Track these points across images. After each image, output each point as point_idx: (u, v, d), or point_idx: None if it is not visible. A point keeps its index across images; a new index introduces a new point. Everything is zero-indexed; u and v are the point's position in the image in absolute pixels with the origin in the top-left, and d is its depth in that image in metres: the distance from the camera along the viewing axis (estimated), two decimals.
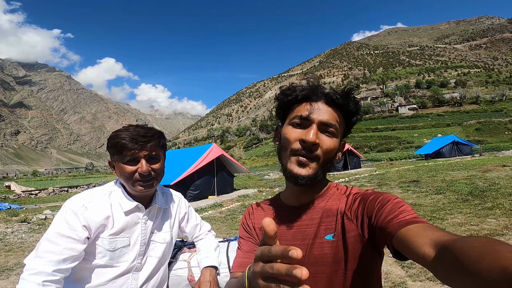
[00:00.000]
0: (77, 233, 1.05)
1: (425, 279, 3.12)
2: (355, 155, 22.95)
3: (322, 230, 0.76)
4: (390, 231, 0.60)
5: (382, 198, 0.69)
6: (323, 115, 0.75)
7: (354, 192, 0.79)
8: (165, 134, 1.15)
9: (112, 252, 1.12)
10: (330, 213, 0.77)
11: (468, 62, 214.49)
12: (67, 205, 1.10)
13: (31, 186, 27.70)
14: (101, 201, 1.14)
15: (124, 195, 1.19)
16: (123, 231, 1.15)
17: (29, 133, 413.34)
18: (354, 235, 0.71)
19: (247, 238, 0.89)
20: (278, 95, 0.83)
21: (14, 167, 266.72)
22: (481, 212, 5.71)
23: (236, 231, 6.02)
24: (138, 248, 1.18)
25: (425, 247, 0.50)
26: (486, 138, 55.45)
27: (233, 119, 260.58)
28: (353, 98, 0.78)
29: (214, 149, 11.52)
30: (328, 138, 0.75)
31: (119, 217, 1.15)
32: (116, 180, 1.25)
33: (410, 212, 0.62)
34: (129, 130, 1.13)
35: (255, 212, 0.93)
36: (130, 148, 1.10)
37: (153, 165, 1.16)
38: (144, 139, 1.12)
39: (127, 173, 1.12)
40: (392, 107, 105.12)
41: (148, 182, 1.15)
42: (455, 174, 12.25)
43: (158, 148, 1.19)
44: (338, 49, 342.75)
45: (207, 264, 1.31)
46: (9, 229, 7.60)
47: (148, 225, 1.23)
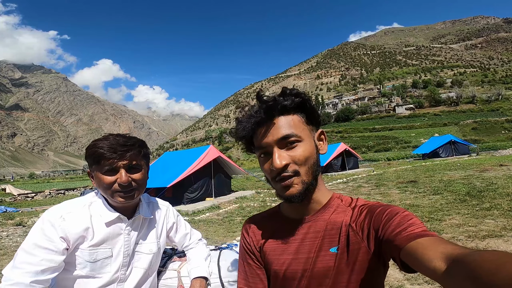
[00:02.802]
0: (54, 244, 1.02)
1: (423, 282, 3.10)
2: (352, 155, 22.95)
3: (326, 243, 0.75)
4: (398, 244, 0.59)
5: (390, 210, 0.68)
6: (275, 134, 0.74)
7: (360, 204, 0.77)
8: (162, 136, 1.15)
9: (92, 263, 1.10)
10: (334, 225, 0.76)
11: (464, 62, 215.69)
12: (44, 216, 1.07)
13: (28, 188, 27.50)
14: (80, 212, 1.11)
15: (105, 206, 1.15)
16: (104, 242, 1.12)
17: (26, 135, 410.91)
18: (359, 247, 0.71)
19: (249, 261, 0.88)
20: (236, 138, 0.82)
21: (11, 170, 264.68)
22: (479, 213, 5.69)
23: (234, 233, 5.97)
24: (121, 259, 1.15)
25: (435, 261, 0.49)
26: (483, 137, 55.78)
27: (231, 120, 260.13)
28: (286, 93, 0.76)
29: (212, 151, 11.47)
30: (295, 149, 0.74)
31: (99, 228, 1.11)
32: (97, 190, 1.20)
33: (419, 225, 0.61)
34: (108, 139, 1.09)
35: (254, 228, 0.91)
36: (108, 157, 1.06)
37: (133, 175, 1.11)
38: (123, 148, 1.08)
39: (105, 183, 1.08)
40: (389, 107, 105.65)
41: (129, 194, 1.11)
42: (453, 174, 12.27)
43: (139, 158, 1.15)
44: (335, 50, 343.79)
45: (197, 274, 1.28)
46: (4, 233, 7.52)
47: (131, 236, 1.19)
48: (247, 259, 0.89)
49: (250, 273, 0.87)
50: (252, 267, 0.87)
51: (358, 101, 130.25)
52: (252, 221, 0.94)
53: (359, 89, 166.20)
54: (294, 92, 0.76)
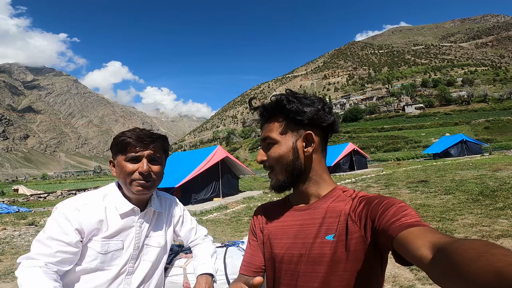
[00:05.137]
0: (69, 237, 1.03)
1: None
2: (361, 155, 22.74)
3: (323, 230, 0.78)
4: (391, 233, 0.61)
5: (387, 202, 0.69)
6: (261, 135, 0.87)
7: (360, 195, 0.80)
8: (170, 137, 1.22)
9: (103, 255, 1.11)
10: (333, 213, 0.79)
11: (474, 60, 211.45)
12: (59, 208, 1.08)
13: (40, 189, 28.06)
14: (95, 204, 1.13)
15: (120, 198, 1.18)
16: (117, 235, 1.14)
17: (38, 137, 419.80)
18: (357, 236, 0.72)
19: (253, 240, 0.96)
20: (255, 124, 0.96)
21: (24, 171, 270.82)
22: (492, 213, 5.56)
23: (241, 233, 5.98)
24: (131, 252, 1.17)
25: (422, 249, 0.51)
26: (495, 136, 54.56)
27: (238, 121, 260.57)
28: (266, 104, 0.86)
29: (219, 151, 11.50)
30: (271, 150, 0.84)
31: (114, 220, 1.14)
32: (112, 183, 1.24)
33: (413, 216, 0.62)
34: (136, 131, 1.16)
35: (262, 213, 0.98)
36: (134, 145, 1.12)
37: (153, 167, 1.17)
38: (148, 139, 1.15)
39: (127, 171, 1.12)
40: (398, 107, 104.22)
41: (147, 183, 1.15)
42: (465, 173, 12.02)
43: (160, 151, 1.21)
44: (342, 49, 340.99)
45: (203, 271, 1.28)
46: (17, 232, 7.66)
47: (143, 229, 1.21)
48: (251, 239, 0.97)
49: (251, 249, 0.94)
50: (252, 246, 0.95)
51: (366, 101, 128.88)
52: (262, 207, 1.01)
53: (367, 88, 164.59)
54: (275, 100, 0.84)
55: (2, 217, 10.51)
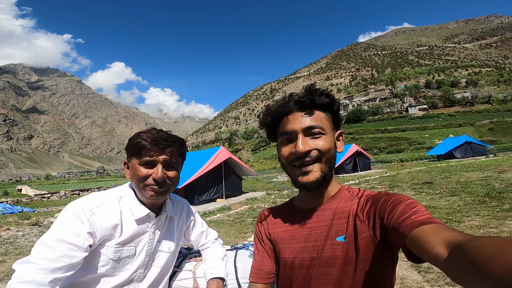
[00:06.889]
0: (80, 239, 0.96)
1: (444, 284, 2.97)
2: (364, 156, 22.61)
3: (333, 232, 0.77)
4: (403, 231, 0.60)
5: (395, 199, 0.68)
6: (303, 122, 0.79)
7: (367, 194, 0.79)
8: None
9: (115, 262, 1.05)
10: (342, 214, 0.78)
11: (478, 61, 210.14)
12: (71, 208, 1.01)
13: (44, 189, 28.19)
14: (111, 207, 1.06)
15: (136, 202, 1.12)
16: (131, 241, 1.08)
17: (42, 137, 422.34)
18: (366, 236, 0.71)
19: (260, 247, 0.94)
20: (260, 122, 0.89)
21: (28, 171, 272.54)
22: (500, 214, 5.48)
23: (245, 234, 5.94)
24: (143, 258, 1.12)
25: (438, 247, 0.50)
26: (500, 138, 54.01)
27: (241, 122, 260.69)
28: (318, 91, 0.81)
29: (222, 152, 11.47)
30: (318, 139, 0.79)
31: (128, 225, 1.08)
32: (126, 184, 1.19)
33: (423, 212, 0.62)
34: (152, 133, 1.09)
35: (267, 218, 0.96)
36: (149, 149, 1.05)
37: (169, 172, 1.11)
38: (165, 143, 1.08)
39: (140, 176, 1.06)
40: (401, 108, 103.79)
41: (161, 189, 1.09)
42: (470, 175, 11.90)
43: (177, 156, 1.15)
44: (345, 50, 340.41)
45: (214, 275, 1.24)
46: (20, 232, 7.66)
47: (156, 234, 1.17)
48: (258, 245, 0.95)
49: (259, 256, 0.93)
50: (260, 252, 0.93)
51: (369, 102, 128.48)
52: (266, 213, 0.98)
53: (370, 89, 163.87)
54: (325, 92, 0.81)
55: (5, 217, 10.54)
